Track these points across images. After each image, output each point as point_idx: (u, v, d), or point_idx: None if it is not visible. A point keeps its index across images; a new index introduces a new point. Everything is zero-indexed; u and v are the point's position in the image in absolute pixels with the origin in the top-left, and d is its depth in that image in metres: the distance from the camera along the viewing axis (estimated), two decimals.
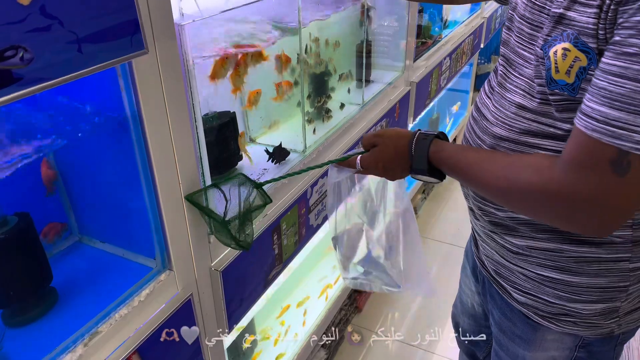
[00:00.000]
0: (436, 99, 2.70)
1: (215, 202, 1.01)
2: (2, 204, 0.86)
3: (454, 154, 0.89)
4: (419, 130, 0.94)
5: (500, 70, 0.91)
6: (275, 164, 1.39)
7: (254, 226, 1.01)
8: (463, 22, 3.06)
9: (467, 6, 3.19)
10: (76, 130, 0.88)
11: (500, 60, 0.93)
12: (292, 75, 1.45)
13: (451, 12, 3.05)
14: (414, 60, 2.27)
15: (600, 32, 0.67)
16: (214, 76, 1.10)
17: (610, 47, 0.65)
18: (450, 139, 3.43)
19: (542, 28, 0.79)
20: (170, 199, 0.95)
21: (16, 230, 0.85)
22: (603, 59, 0.66)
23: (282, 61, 1.37)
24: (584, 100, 0.68)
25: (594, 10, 0.68)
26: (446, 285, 2.48)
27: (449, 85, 2.88)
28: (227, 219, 0.94)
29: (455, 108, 3.55)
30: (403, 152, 0.93)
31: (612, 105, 0.63)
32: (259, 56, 1.22)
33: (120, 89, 0.84)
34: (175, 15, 0.90)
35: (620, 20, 0.64)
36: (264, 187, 1.00)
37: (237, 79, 1.17)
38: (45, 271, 0.92)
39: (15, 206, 0.90)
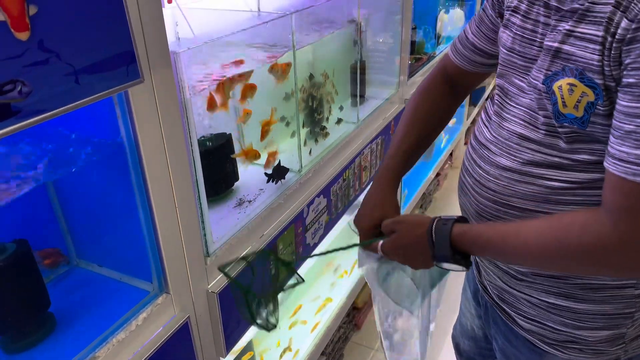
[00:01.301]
0: None
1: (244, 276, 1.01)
2: (1, 232, 0.87)
3: (483, 232, 0.85)
4: (439, 216, 0.89)
5: (497, 100, 0.93)
6: (275, 183, 1.41)
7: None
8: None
9: (460, 23, 3.23)
10: (74, 157, 0.89)
11: (496, 90, 0.94)
12: (287, 102, 1.46)
13: (445, 28, 3.09)
14: (409, 77, 2.29)
15: (605, 68, 0.69)
16: (211, 107, 1.11)
17: (627, 89, 0.65)
18: (447, 154, 3.43)
19: (535, 60, 0.81)
20: (166, 223, 0.96)
21: (14, 257, 0.86)
22: (622, 102, 0.66)
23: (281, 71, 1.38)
24: (612, 144, 0.68)
25: (597, 46, 0.69)
26: (446, 301, 2.48)
27: None
28: (252, 295, 0.93)
29: (451, 122, 3.58)
30: (422, 240, 0.88)
31: None
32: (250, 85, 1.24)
33: (117, 117, 0.85)
34: (171, 39, 0.91)
35: (628, 60, 0.65)
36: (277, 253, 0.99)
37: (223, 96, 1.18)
38: (42, 297, 0.93)
39: (13, 233, 0.91)
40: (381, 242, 0.97)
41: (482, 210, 0.92)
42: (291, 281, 0.98)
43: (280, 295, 1.00)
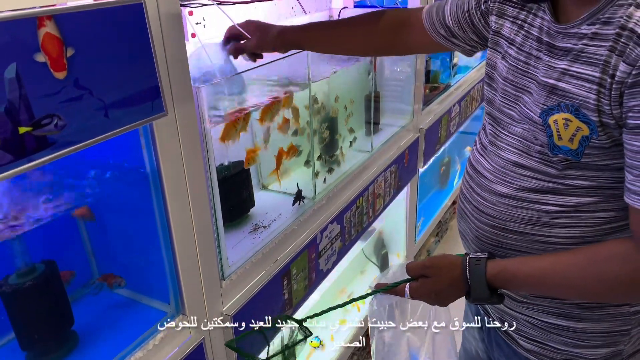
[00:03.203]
0: (447, 144, 2.75)
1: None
2: (31, 253, 0.93)
3: (519, 270, 0.86)
4: (467, 254, 0.90)
5: (489, 129, 0.97)
6: (298, 204, 1.47)
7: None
8: (474, 68, 3.15)
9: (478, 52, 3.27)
10: (100, 184, 0.95)
11: (487, 119, 0.98)
12: (302, 135, 1.52)
13: (461, 58, 3.15)
14: (425, 106, 2.34)
15: (605, 107, 0.73)
16: (225, 138, 1.17)
17: (636, 130, 0.70)
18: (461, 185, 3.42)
19: (526, 91, 0.86)
20: (185, 248, 1.01)
21: (43, 277, 0.92)
22: (635, 142, 0.71)
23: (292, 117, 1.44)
24: (631, 182, 0.73)
25: (593, 86, 0.74)
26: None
27: (460, 129, 2.94)
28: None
29: (468, 149, 3.61)
30: (458, 282, 0.89)
31: None
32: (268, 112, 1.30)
33: (141, 147, 0.91)
34: (193, 72, 0.97)
35: (632, 103, 0.70)
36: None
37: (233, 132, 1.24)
38: (67, 315, 0.98)
39: (42, 254, 0.97)
40: (408, 285, 0.96)
41: (482, 235, 0.96)
42: (299, 336, 1.00)
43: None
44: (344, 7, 2.06)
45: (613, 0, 0.73)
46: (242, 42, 1.18)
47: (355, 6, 2.32)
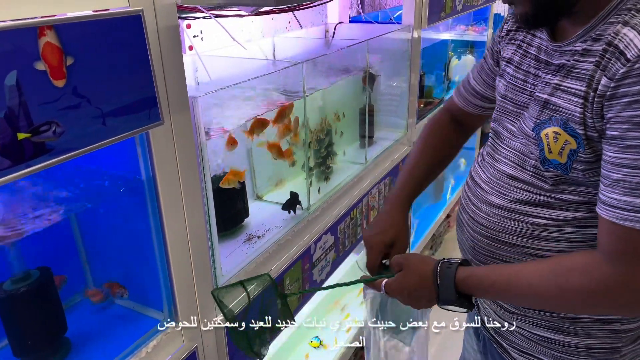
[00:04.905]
0: None
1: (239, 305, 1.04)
2: (26, 259, 0.94)
3: (486, 276, 0.87)
4: (443, 259, 0.92)
5: (490, 142, 1.00)
6: (290, 213, 1.48)
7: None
8: None
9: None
10: (96, 191, 0.96)
11: (490, 133, 1.01)
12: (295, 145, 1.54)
13: (455, 72, 3.19)
14: (419, 120, 2.37)
15: (588, 120, 0.75)
16: (231, 143, 1.19)
17: (612, 141, 0.72)
18: (457, 196, 3.45)
19: (527, 108, 0.89)
20: (179, 257, 1.01)
21: (37, 283, 0.93)
22: (609, 153, 0.72)
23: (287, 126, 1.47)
24: (603, 192, 0.74)
25: (580, 100, 0.76)
26: (450, 337, 2.47)
27: None
28: (246, 326, 0.95)
29: (463, 162, 3.63)
30: (427, 281, 0.90)
31: (635, 194, 0.69)
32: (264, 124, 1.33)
33: (137, 155, 0.92)
34: (190, 83, 0.99)
35: (610, 115, 0.72)
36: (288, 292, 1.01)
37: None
38: (60, 322, 0.99)
39: (37, 260, 0.98)
40: (385, 281, 0.98)
41: (476, 245, 0.98)
42: (282, 322, 1.00)
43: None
44: (340, 22, 2.10)
45: (605, 19, 0.76)
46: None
47: (350, 21, 2.36)
